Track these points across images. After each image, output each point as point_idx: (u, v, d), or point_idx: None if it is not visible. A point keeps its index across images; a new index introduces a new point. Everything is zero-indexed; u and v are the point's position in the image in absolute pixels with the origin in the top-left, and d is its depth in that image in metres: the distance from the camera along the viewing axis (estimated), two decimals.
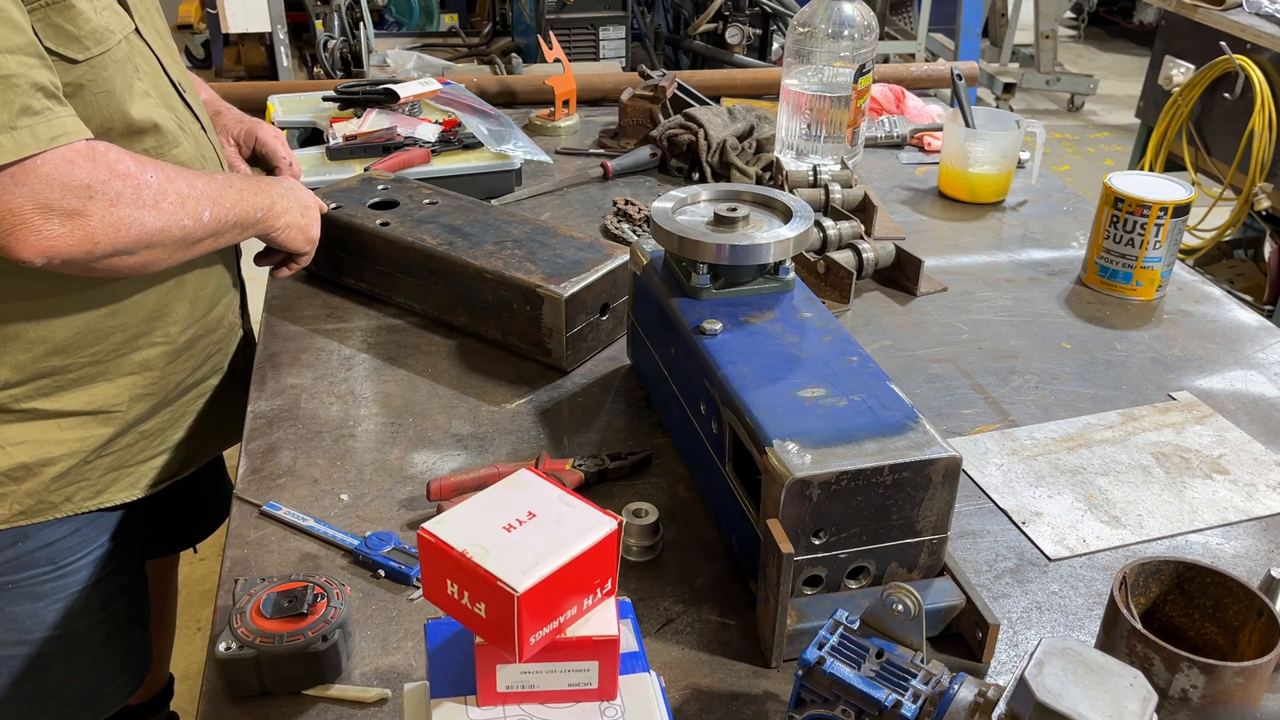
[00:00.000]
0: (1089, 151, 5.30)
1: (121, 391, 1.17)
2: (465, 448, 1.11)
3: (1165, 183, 1.44)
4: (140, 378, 1.18)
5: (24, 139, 0.92)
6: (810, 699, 0.70)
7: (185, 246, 1.09)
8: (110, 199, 0.98)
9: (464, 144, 1.71)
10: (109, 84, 1.04)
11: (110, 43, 1.03)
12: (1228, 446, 1.15)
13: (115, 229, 0.99)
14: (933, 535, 0.86)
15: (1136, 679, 0.62)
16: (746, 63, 2.88)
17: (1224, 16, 2.89)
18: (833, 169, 1.60)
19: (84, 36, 1.00)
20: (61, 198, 0.95)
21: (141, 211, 1.01)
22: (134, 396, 1.19)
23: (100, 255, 1.00)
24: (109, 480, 1.20)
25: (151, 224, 1.03)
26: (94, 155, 0.98)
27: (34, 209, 0.94)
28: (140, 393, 1.19)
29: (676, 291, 1.06)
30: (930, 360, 1.29)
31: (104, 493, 1.20)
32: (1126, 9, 7.34)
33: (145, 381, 1.19)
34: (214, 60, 4.63)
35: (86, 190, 0.96)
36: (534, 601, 0.58)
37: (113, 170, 0.99)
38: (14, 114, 0.91)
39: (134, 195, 1.01)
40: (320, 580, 0.86)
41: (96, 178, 0.97)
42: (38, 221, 0.94)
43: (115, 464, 1.20)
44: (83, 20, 0.99)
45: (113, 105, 1.05)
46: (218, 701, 0.81)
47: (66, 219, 0.96)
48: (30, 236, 0.94)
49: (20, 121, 0.91)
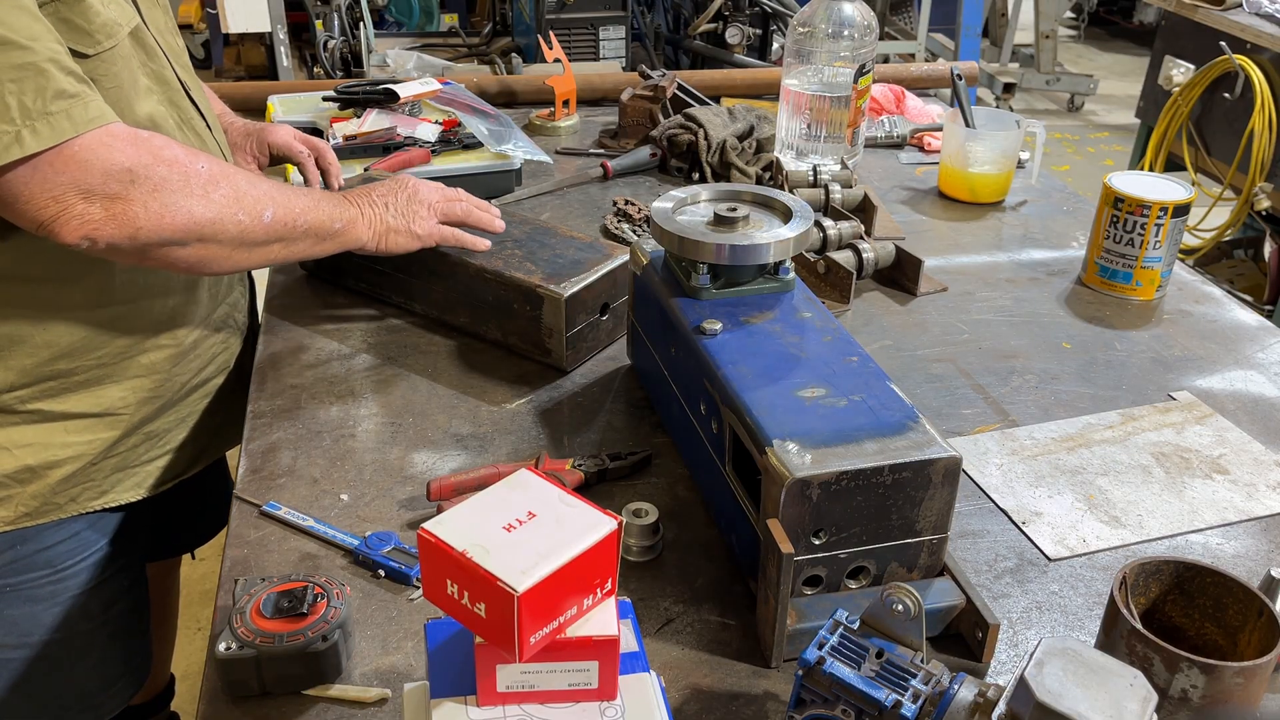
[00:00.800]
0: (1089, 151, 5.30)
1: (128, 394, 1.17)
2: (465, 448, 1.11)
3: (1165, 183, 1.44)
4: (147, 380, 1.18)
5: (60, 123, 0.91)
6: (810, 699, 0.70)
7: (246, 247, 1.07)
8: (154, 184, 0.97)
9: (464, 144, 1.71)
10: (118, 79, 1.03)
11: (119, 36, 1.02)
12: (1228, 446, 1.15)
13: (160, 215, 0.98)
14: (933, 535, 0.86)
15: (1136, 679, 0.62)
16: (746, 63, 2.88)
17: (1224, 16, 2.89)
18: (833, 169, 1.60)
19: (95, 30, 0.99)
20: (104, 182, 0.94)
21: (190, 200, 1.00)
22: (140, 399, 1.18)
23: (146, 242, 0.99)
24: (114, 481, 1.20)
25: (201, 213, 1.01)
26: (136, 140, 0.97)
27: (77, 194, 0.93)
28: (146, 395, 1.18)
29: (676, 291, 1.06)
30: (930, 360, 1.29)
31: (108, 493, 1.20)
32: (1126, 9, 7.35)
33: (151, 384, 1.19)
34: (214, 60, 4.63)
35: (129, 174, 0.96)
36: (534, 601, 0.58)
37: (157, 155, 0.98)
38: (48, 99, 0.91)
39: (181, 182, 0.99)
40: (320, 580, 0.86)
41: (139, 161, 0.97)
42: (80, 206, 0.94)
43: (120, 465, 1.20)
44: (93, 14, 0.98)
45: (122, 101, 1.04)
46: (218, 701, 0.81)
47: (109, 202, 0.95)
48: (73, 221, 0.94)
49: (55, 106, 0.91)
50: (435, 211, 1.25)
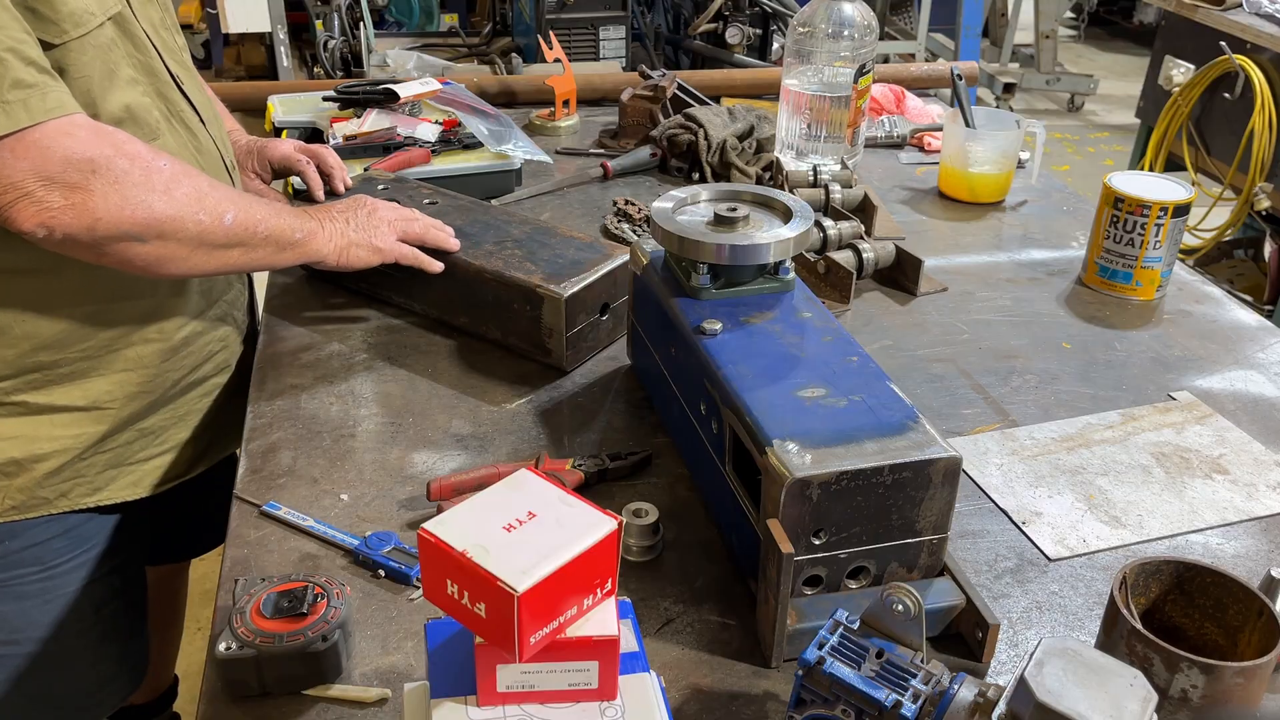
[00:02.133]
0: (1089, 151, 5.30)
1: (114, 387, 1.16)
2: (465, 448, 1.11)
3: (1165, 183, 1.44)
4: (134, 374, 1.17)
5: (16, 112, 0.91)
6: (810, 699, 0.70)
7: (206, 249, 1.07)
8: (115, 176, 0.97)
9: (464, 144, 1.71)
10: (88, 68, 1.02)
11: (90, 25, 1.01)
12: (1228, 446, 1.15)
13: (119, 208, 0.98)
14: (933, 535, 0.86)
15: (1136, 679, 0.62)
16: (746, 63, 2.88)
17: (1224, 16, 2.89)
18: (833, 169, 1.60)
19: (62, 19, 0.98)
20: (64, 170, 0.94)
21: (151, 195, 1.00)
22: (128, 393, 1.17)
23: (104, 235, 0.98)
24: (108, 478, 1.20)
25: (161, 209, 1.01)
26: (99, 131, 0.97)
27: (36, 181, 0.93)
28: (134, 389, 1.18)
29: (676, 291, 1.06)
30: (930, 360, 1.29)
31: (103, 490, 1.19)
32: (1126, 9, 7.35)
33: (139, 378, 1.18)
34: (214, 60, 4.64)
35: (90, 164, 0.96)
36: (534, 601, 0.58)
37: (119, 148, 0.98)
38: (4, 89, 0.91)
39: (142, 176, 0.99)
40: (320, 580, 0.86)
41: (101, 153, 0.96)
42: (39, 193, 0.94)
43: (114, 461, 1.19)
44: (59, 3, 0.97)
45: (93, 90, 1.03)
46: (218, 701, 0.81)
47: (69, 191, 0.95)
48: (30, 208, 0.94)
49: (12, 95, 0.91)
50: (394, 229, 1.26)
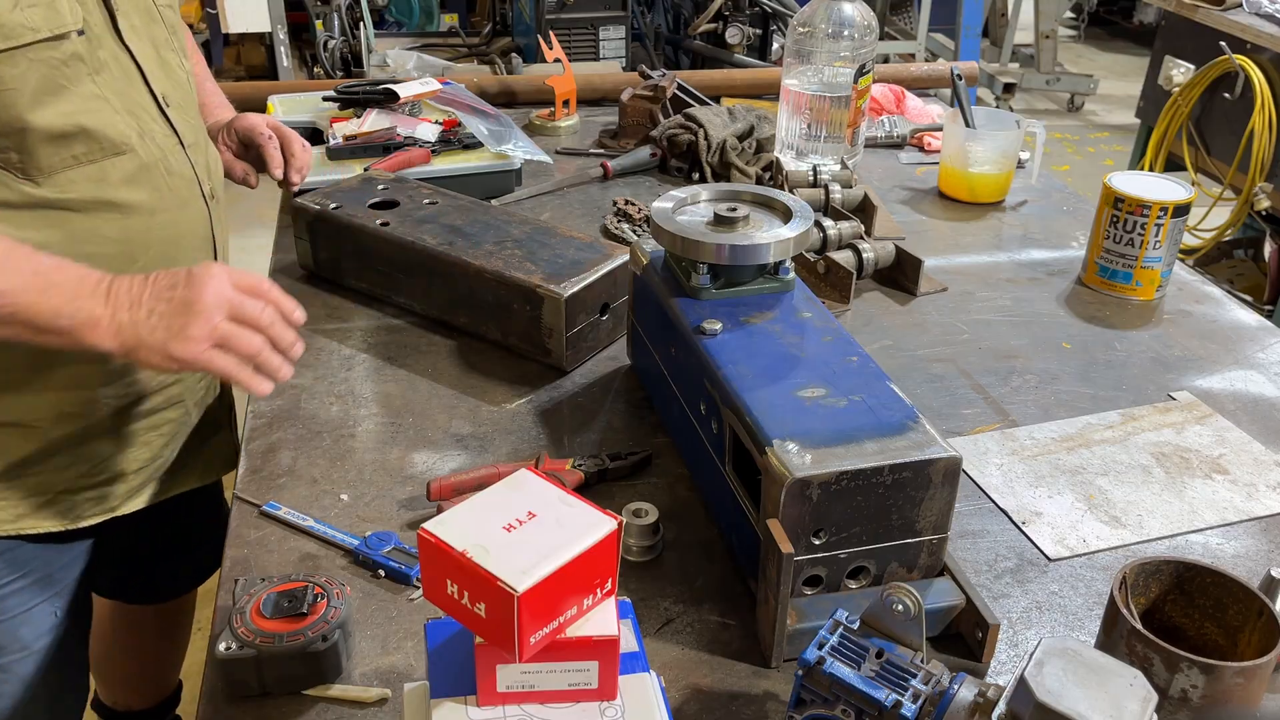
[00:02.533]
0: (1089, 151, 5.30)
1: (44, 407, 1.08)
2: (465, 448, 1.11)
3: (1165, 183, 1.44)
4: (69, 395, 1.09)
5: None
6: (810, 699, 0.70)
7: None
8: None
9: (464, 144, 1.71)
10: (16, 82, 0.96)
11: (21, 40, 0.95)
12: (1228, 446, 1.15)
13: None
14: (933, 535, 0.86)
15: (1136, 679, 0.62)
16: (746, 63, 2.88)
17: (1224, 16, 2.89)
18: (833, 169, 1.60)
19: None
20: None
21: None
22: (59, 415, 1.09)
23: None
24: (32, 505, 1.11)
25: None
26: None
27: None
28: (68, 411, 1.10)
29: (676, 291, 1.06)
30: (930, 360, 1.29)
31: (26, 518, 1.11)
32: (1126, 9, 7.34)
33: (74, 400, 1.10)
34: (214, 60, 4.64)
35: None
36: (534, 601, 0.58)
37: None
38: None
39: None
40: (320, 580, 0.86)
41: None
42: None
43: (41, 488, 1.12)
44: None
45: (19, 104, 0.97)
46: (218, 701, 0.81)
47: None
48: None
49: None
50: (212, 334, 0.95)
